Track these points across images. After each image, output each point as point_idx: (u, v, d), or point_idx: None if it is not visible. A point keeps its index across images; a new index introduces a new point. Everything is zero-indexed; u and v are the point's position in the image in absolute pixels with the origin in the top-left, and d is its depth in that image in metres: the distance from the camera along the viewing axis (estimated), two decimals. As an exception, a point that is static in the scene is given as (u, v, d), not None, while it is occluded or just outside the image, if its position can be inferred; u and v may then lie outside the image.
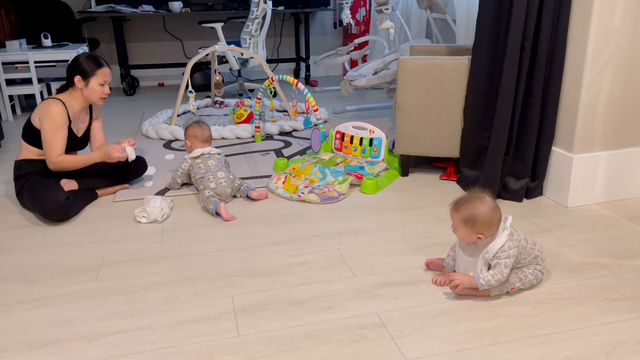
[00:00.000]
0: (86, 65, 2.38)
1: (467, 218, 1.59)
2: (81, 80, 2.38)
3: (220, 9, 5.10)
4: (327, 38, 5.96)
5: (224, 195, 2.42)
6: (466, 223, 1.60)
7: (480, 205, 1.59)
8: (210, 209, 2.33)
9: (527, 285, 1.69)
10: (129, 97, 5.06)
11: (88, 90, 2.39)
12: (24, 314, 1.64)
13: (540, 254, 1.70)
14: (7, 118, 4.17)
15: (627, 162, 2.37)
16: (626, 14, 2.15)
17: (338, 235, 2.13)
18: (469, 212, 1.59)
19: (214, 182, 2.42)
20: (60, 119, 2.34)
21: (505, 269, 1.60)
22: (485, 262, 1.63)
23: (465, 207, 1.61)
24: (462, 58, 2.46)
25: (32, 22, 4.82)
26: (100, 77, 2.39)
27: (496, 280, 1.60)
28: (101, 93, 2.42)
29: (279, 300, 1.68)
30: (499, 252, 1.60)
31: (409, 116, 2.60)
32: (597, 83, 2.21)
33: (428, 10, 3.84)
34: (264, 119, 3.65)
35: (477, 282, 1.61)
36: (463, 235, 1.63)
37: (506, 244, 1.60)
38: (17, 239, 2.16)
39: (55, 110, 2.33)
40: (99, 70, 2.39)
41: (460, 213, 1.61)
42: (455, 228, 1.65)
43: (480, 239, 1.61)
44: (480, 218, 1.58)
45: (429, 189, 2.59)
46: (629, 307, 1.61)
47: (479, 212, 1.58)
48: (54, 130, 2.33)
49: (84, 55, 2.41)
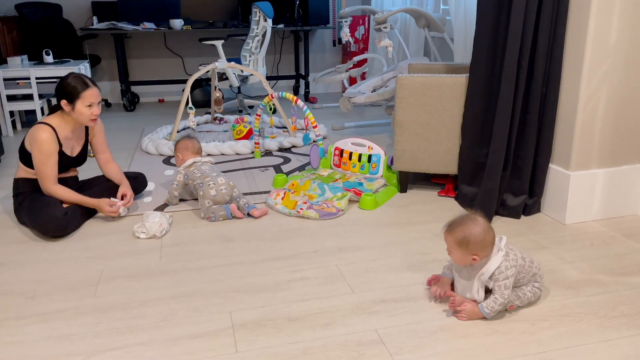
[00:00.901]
0: (71, 88, 2.29)
1: (461, 240, 1.59)
2: (67, 104, 2.31)
3: (221, 26, 5.16)
4: (327, 55, 6.01)
5: (222, 203, 2.43)
6: (460, 245, 1.60)
7: (472, 226, 1.60)
8: (222, 215, 2.39)
9: (526, 302, 1.69)
10: (129, 112, 5.09)
11: (76, 113, 2.32)
12: (21, 330, 1.63)
13: (538, 271, 1.71)
14: (8, 133, 4.19)
15: (624, 179, 2.38)
16: (621, 33, 2.18)
17: (337, 251, 2.13)
18: (462, 233, 1.59)
19: (214, 189, 2.42)
20: (48, 146, 2.29)
21: (505, 291, 1.60)
22: (482, 284, 1.63)
23: (458, 229, 1.61)
24: (460, 76, 2.49)
25: (35, 38, 4.86)
26: (86, 99, 2.30)
27: (499, 305, 1.61)
28: (89, 115, 2.33)
29: (278, 316, 1.68)
30: (496, 273, 1.60)
31: (408, 133, 2.62)
32: (594, 101, 2.24)
33: (426, 28, 3.88)
34: (263, 135, 3.67)
35: (483, 312, 1.62)
36: (458, 257, 1.63)
37: (502, 264, 1.60)
38: (15, 254, 2.16)
39: (43, 137, 2.28)
40: (84, 92, 2.29)
41: (454, 235, 1.61)
42: (450, 251, 1.65)
43: (475, 261, 1.61)
44: (473, 239, 1.58)
45: (428, 206, 2.59)
46: (628, 325, 1.61)
47: (471, 233, 1.58)
48: (43, 160, 2.29)
49: (70, 76, 2.32)
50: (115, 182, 2.57)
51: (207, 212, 2.42)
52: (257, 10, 4.24)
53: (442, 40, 4.38)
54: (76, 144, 2.48)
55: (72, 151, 2.46)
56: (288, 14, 5.34)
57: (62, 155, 2.39)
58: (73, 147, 2.46)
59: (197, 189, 2.47)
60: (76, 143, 2.48)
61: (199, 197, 2.46)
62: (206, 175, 2.48)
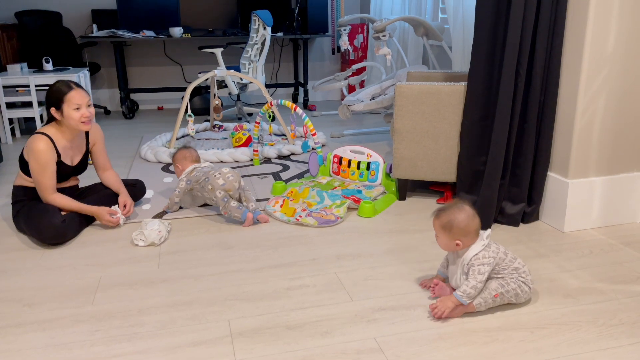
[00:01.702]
0: (55, 92, 2.26)
1: (445, 224, 1.68)
2: (56, 111, 2.28)
3: (220, 34, 5.18)
4: (325, 64, 6.03)
5: (233, 190, 2.44)
6: (444, 228, 1.69)
7: (458, 212, 1.69)
8: (237, 217, 2.41)
9: (512, 294, 1.70)
10: (128, 120, 5.09)
11: (66, 119, 2.28)
12: (19, 337, 1.63)
13: (521, 267, 1.73)
14: (7, 141, 4.19)
15: (622, 187, 2.39)
16: (619, 42, 2.19)
17: (335, 259, 2.13)
18: (447, 218, 1.69)
19: (222, 178, 2.43)
20: (45, 156, 2.27)
21: (479, 275, 1.64)
22: (463, 271, 1.69)
23: (443, 214, 1.71)
24: (458, 84, 2.50)
25: (34, 46, 4.88)
26: (71, 101, 2.26)
27: (472, 287, 1.64)
28: (79, 117, 2.28)
29: (276, 324, 1.68)
30: (473, 259, 1.66)
31: (406, 141, 2.63)
32: (591, 109, 2.25)
33: (425, 37, 3.91)
34: (262, 143, 3.67)
35: (457, 298, 1.66)
36: (443, 242, 1.72)
37: (480, 252, 1.67)
38: (13, 261, 2.15)
39: (39, 147, 2.26)
40: (66, 95, 2.25)
41: (439, 219, 1.71)
42: (437, 235, 1.73)
43: (459, 246, 1.69)
44: (457, 224, 1.67)
45: (426, 213, 2.59)
46: (627, 333, 1.61)
47: (456, 218, 1.68)
48: (40, 170, 2.28)
49: (56, 83, 2.30)
50: (113, 190, 2.56)
51: (224, 206, 2.42)
52: (257, 18, 4.26)
53: (440, 48, 4.40)
54: (76, 153, 2.47)
55: (72, 160, 2.45)
56: (287, 22, 5.37)
57: (62, 165, 2.38)
58: (73, 156, 2.45)
59: (204, 186, 2.46)
60: (76, 152, 2.47)
61: (209, 193, 2.45)
62: (209, 171, 2.49)
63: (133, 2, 5.00)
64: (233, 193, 2.45)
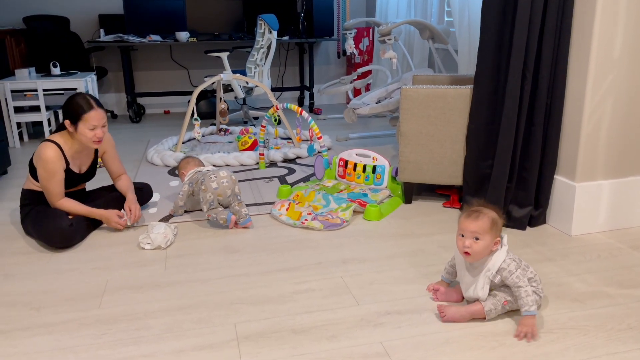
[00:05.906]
0: (75, 109, 2.27)
1: (492, 221, 1.63)
2: (70, 124, 2.29)
3: (226, 38, 5.20)
4: (331, 67, 6.04)
5: (224, 197, 2.42)
6: (492, 227, 1.62)
7: (489, 211, 1.65)
8: (223, 219, 2.38)
9: None
10: (135, 124, 5.12)
11: (79, 135, 2.30)
12: (27, 341, 1.63)
13: (533, 276, 1.71)
14: (15, 145, 4.22)
15: (629, 190, 2.37)
16: (625, 45, 2.18)
17: (341, 262, 2.12)
18: (489, 216, 1.63)
19: (216, 182, 2.42)
20: (53, 165, 2.27)
21: (522, 284, 1.60)
22: (487, 279, 1.65)
23: (481, 215, 1.63)
24: (464, 87, 2.50)
25: (42, 51, 4.92)
26: (89, 122, 2.27)
27: (526, 296, 1.59)
28: (92, 137, 2.30)
29: (282, 328, 1.67)
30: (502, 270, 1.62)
31: (412, 144, 2.62)
32: (598, 112, 2.24)
33: (430, 40, 3.90)
34: (268, 147, 3.68)
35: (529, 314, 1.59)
36: (487, 243, 1.62)
37: (506, 259, 1.64)
38: (21, 265, 2.16)
39: (48, 154, 2.26)
40: (86, 114, 2.26)
41: (482, 220, 1.62)
42: (478, 239, 1.62)
43: (497, 244, 1.64)
44: (498, 220, 1.64)
45: (433, 217, 2.59)
46: (635, 338, 1.60)
47: (494, 215, 1.64)
48: (48, 178, 2.29)
49: (77, 96, 2.31)
50: (121, 193, 2.58)
51: (209, 209, 2.41)
52: (262, 22, 4.27)
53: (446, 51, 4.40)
54: (84, 161, 2.47)
55: (80, 169, 2.46)
56: (293, 26, 5.39)
57: (70, 173, 2.38)
58: (81, 165, 2.46)
59: (200, 185, 2.45)
60: (84, 161, 2.47)
61: (201, 192, 2.43)
62: (208, 172, 2.50)
63: (140, 7, 5.03)
64: (223, 199, 2.43)
